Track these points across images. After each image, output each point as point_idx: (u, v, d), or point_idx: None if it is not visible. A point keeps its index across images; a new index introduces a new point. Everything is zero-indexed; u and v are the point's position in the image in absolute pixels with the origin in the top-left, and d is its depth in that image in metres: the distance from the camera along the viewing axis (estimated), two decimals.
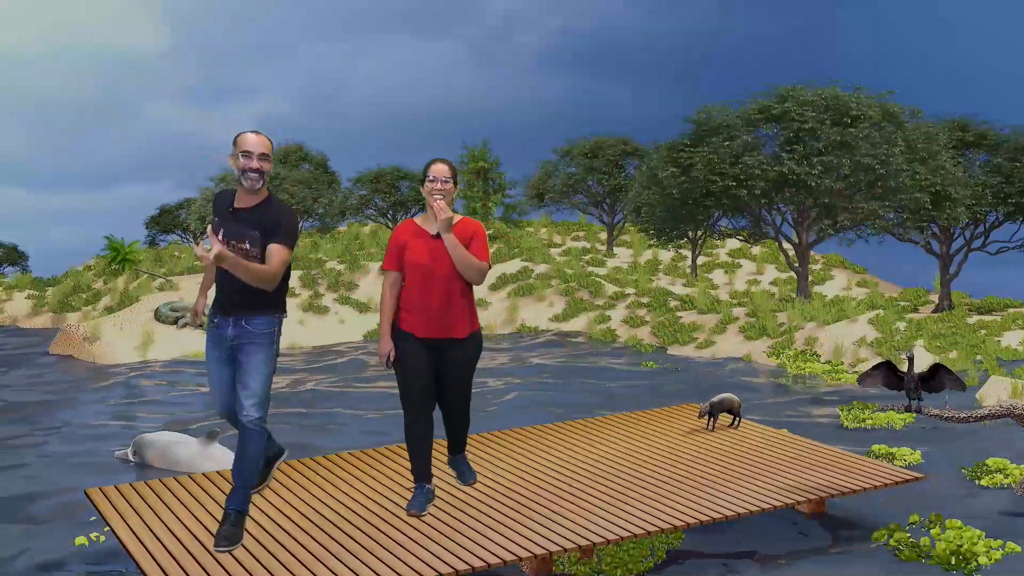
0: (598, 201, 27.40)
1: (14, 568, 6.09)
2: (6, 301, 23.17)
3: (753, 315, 16.29)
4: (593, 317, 18.92)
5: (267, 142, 5.16)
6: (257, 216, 5.13)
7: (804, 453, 7.20)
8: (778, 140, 17.44)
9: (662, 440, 7.55)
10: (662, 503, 6.07)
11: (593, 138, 27.37)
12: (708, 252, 27.69)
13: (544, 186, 27.62)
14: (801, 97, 16.95)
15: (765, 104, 17.33)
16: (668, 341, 16.41)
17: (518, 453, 7.18)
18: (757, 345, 15.01)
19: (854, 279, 25.52)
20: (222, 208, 5.21)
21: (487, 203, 27.17)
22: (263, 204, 5.18)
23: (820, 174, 16.60)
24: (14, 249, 28.79)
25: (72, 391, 12.81)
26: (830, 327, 14.64)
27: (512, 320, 19.65)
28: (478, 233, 5.85)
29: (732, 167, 17.15)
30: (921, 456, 8.62)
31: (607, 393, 12.02)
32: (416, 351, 5.73)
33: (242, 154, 5.08)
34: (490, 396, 11.92)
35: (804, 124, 16.75)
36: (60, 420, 10.77)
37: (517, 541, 5.43)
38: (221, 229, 5.11)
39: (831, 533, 6.65)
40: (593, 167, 26.88)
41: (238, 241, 5.09)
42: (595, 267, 24.62)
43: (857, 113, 16.60)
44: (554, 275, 21.13)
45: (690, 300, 18.67)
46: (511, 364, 14.76)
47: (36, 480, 8.22)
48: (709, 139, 17.69)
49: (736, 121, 17.49)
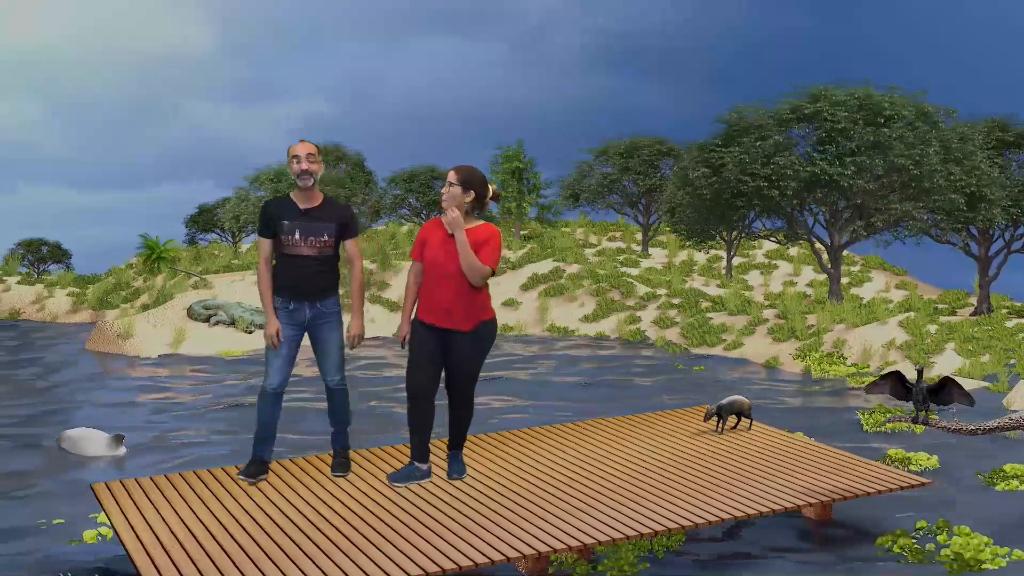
0: (633, 201, 27.29)
1: (24, 561, 6.21)
2: (48, 298, 23.60)
3: (783, 317, 16.14)
4: (623, 318, 18.86)
5: (311, 147, 6.16)
6: (329, 213, 6.22)
7: (809, 456, 7.13)
8: (810, 140, 17.26)
9: (667, 442, 7.51)
10: (662, 504, 6.04)
11: (628, 138, 27.26)
12: (744, 253, 27.48)
13: (579, 186, 27.57)
14: (834, 97, 16.76)
15: (797, 104, 17.16)
16: (696, 342, 16.31)
17: (519, 453, 7.18)
18: (785, 347, 14.86)
19: (893, 281, 25.19)
20: (289, 212, 6.15)
21: (521, 203, 27.16)
22: (327, 202, 6.27)
23: (853, 175, 16.41)
24: (58, 247, 29.29)
25: (96, 386, 13.01)
26: (859, 330, 14.46)
27: (542, 320, 19.65)
28: (491, 240, 6.13)
29: (763, 167, 17.01)
30: (938, 461, 8.49)
31: (621, 393, 11.97)
32: (425, 338, 6.19)
33: (293, 159, 6.13)
34: (501, 393, 11.93)
35: (837, 124, 16.57)
36: (81, 413, 10.94)
37: (512, 540, 5.42)
38: (297, 229, 6.13)
39: (836, 538, 6.58)
40: (628, 167, 26.78)
41: (316, 237, 6.16)
42: (629, 268, 24.54)
43: (891, 113, 16.38)
44: (586, 275, 21.09)
45: (721, 301, 18.54)
46: (531, 363, 14.75)
47: (48, 474, 8.36)
48: (740, 139, 17.56)
49: (768, 121, 17.34)
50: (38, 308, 23.32)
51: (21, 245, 29.00)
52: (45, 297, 23.64)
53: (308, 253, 6.16)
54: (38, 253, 29.27)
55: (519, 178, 27.22)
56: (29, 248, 29.08)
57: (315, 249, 6.16)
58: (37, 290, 23.99)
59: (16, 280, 25.28)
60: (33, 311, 23.29)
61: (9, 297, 24.11)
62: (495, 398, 11.80)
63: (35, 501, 7.56)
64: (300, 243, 6.14)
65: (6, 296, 24.20)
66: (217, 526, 5.59)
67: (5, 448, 9.32)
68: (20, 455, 9.06)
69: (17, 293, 24.16)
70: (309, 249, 6.16)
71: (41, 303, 23.45)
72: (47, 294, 23.78)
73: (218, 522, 5.66)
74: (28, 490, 7.86)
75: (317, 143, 6.76)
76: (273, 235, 6.18)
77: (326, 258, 6.21)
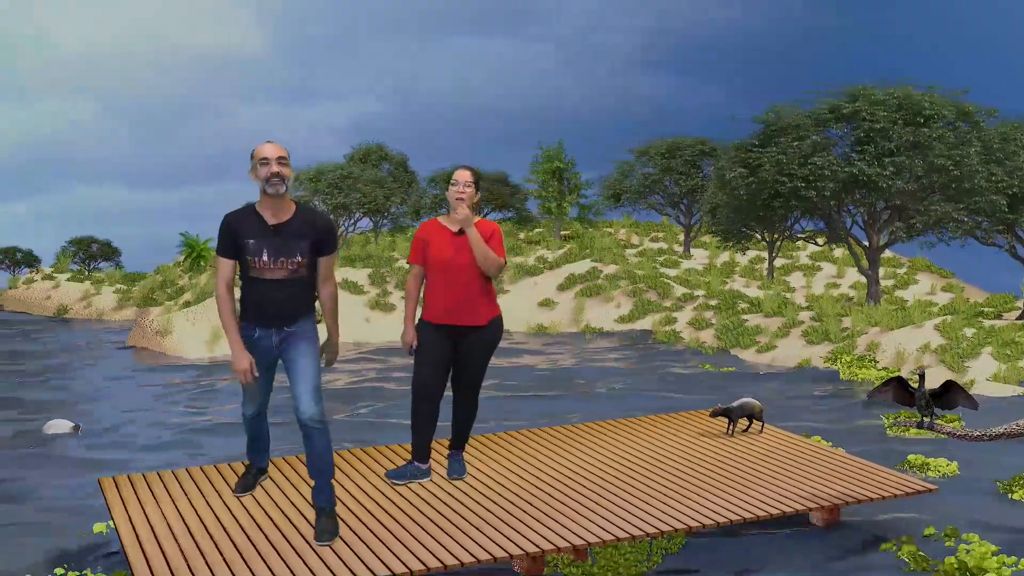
0: (675, 202, 27.13)
1: (34, 551, 6.35)
2: (94, 295, 24.09)
3: (817, 319, 15.94)
4: (659, 318, 18.77)
5: (281, 148, 5.20)
6: (301, 227, 5.22)
7: (816, 460, 7.04)
8: (848, 140, 17.03)
9: (673, 443, 7.46)
10: (661, 506, 6.01)
11: (671, 138, 27.11)
12: (788, 255, 27.19)
13: (620, 186, 27.47)
14: (872, 96, 16.52)
15: (835, 103, 16.94)
16: (730, 344, 16.18)
17: (521, 454, 7.18)
18: (818, 350, 14.69)
19: (939, 283, 24.77)
20: (255, 229, 5.18)
21: (562, 203, 27.13)
22: (300, 214, 5.25)
23: (892, 175, 16.16)
24: (107, 244, 29.85)
25: (125, 381, 13.25)
26: (893, 333, 14.24)
27: (577, 320, 19.62)
28: (495, 233, 6.22)
29: (801, 168, 16.82)
30: (958, 468, 8.33)
31: (642, 393, 11.91)
32: (435, 339, 6.15)
33: (260, 163, 5.14)
34: (513, 391, 11.93)
35: (875, 124, 16.33)
36: (105, 406, 11.16)
37: (508, 539, 5.43)
38: (264, 249, 5.17)
39: (841, 544, 6.48)
40: (670, 167, 26.64)
41: (288, 258, 5.20)
42: (668, 268, 24.41)
43: (931, 112, 16.10)
44: (623, 276, 21.02)
45: (758, 303, 18.37)
46: (557, 361, 14.74)
47: (62, 467, 8.54)
48: (778, 139, 17.38)
49: (806, 121, 17.13)
50: (85, 305, 23.81)
51: (72, 243, 29.60)
52: (92, 294, 24.12)
53: (278, 276, 5.22)
54: (88, 251, 29.85)
55: (559, 178, 27.20)
56: (80, 246, 29.67)
57: (287, 271, 5.22)
58: (85, 287, 24.49)
59: (66, 277, 25.85)
60: (80, 308, 23.79)
61: (58, 294, 24.65)
62: (508, 395, 11.80)
63: (50, 493, 7.72)
64: (269, 265, 5.19)
65: (55, 293, 24.74)
66: (214, 522, 5.67)
67: (21, 440, 9.53)
68: (36, 447, 9.26)
69: (66, 290, 24.69)
70: (280, 271, 5.21)
71: (88, 300, 23.94)
72: (94, 291, 24.26)
73: (215, 518, 5.73)
74: (43, 483, 8.03)
75: (363, 143, 6.47)
76: (235, 255, 5.24)
77: (300, 280, 5.28)
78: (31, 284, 25.63)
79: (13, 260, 29.82)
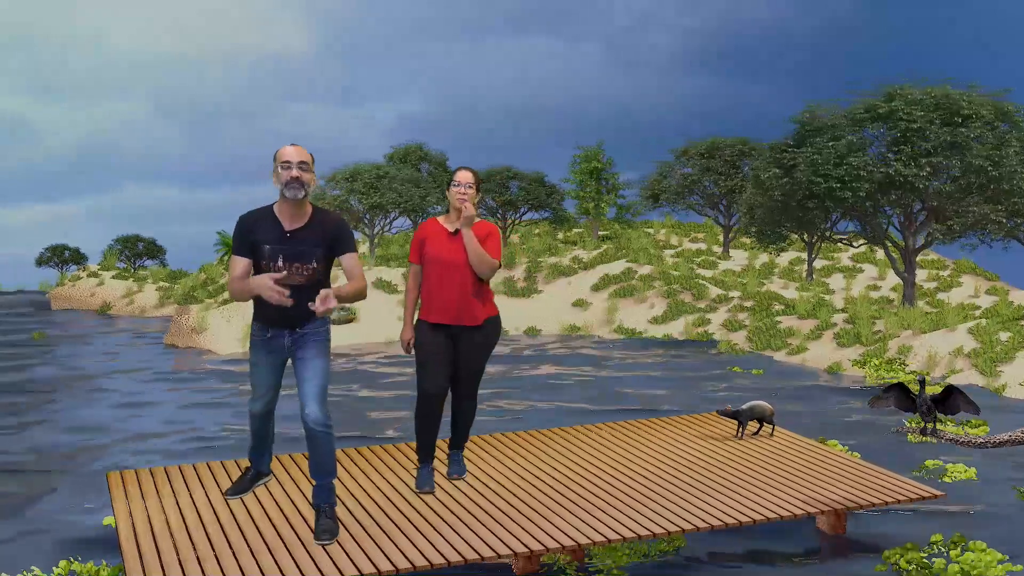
0: (714, 203, 26.92)
1: (43, 543, 6.48)
2: (137, 293, 24.50)
3: (851, 322, 15.74)
4: (692, 320, 18.66)
5: (305, 152, 5.17)
6: (317, 233, 5.21)
7: (824, 464, 6.96)
8: (885, 140, 16.79)
9: (678, 446, 7.42)
10: (661, 508, 5.98)
11: (710, 138, 26.91)
12: (829, 256, 26.87)
13: (659, 187, 27.32)
14: (909, 95, 16.26)
15: (872, 103, 16.71)
16: (761, 346, 16.03)
17: (522, 454, 7.18)
18: (849, 352, 14.50)
19: (984, 286, 24.32)
20: (270, 234, 5.16)
21: (599, 203, 27.05)
22: (316, 219, 5.23)
23: (928, 176, 15.91)
24: (152, 243, 30.33)
25: (152, 375, 13.46)
26: (926, 336, 14.02)
27: (610, 321, 19.57)
28: (492, 234, 6.24)
29: (836, 168, 16.62)
30: (976, 474, 8.19)
31: (666, 394, 11.85)
32: (434, 338, 6.16)
33: (281, 166, 5.10)
34: (531, 387, 11.92)
35: (912, 124, 16.08)
36: (126, 400, 11.35)
37: (502, 538, 5.43)
38: (280, 255, 5.13)
39: (844, 550, 6.41)
40: (710, 168, 26.44)
41: (301, 264, 5.17)
42: (706, 269, 24.24)
43: (969, 112, 15.82)
44: (657, 277, 20.92)
45: (792, 305, 18.18)
46: (583, 362, 14.71)
47: (78, 459, 8.70)
48: (813, 139, 17.18)
49: (841, 120, 16.92)
50: (127, 302, 24.22)
51: (119, 241, 30.13)
52: (135, 292, 24.53)
53: (294, 282, 5.22)
54: (135, 249, 30.36)
55: (597, 178, 27.11)
56: (126, 244, 30.19)
57: (302, 278, 5.21)
58: (127, 285, 24.92)
59: (111, 275, 26.33)
60: (123, 305, 24.21)
61: (103, 291, 25.12)
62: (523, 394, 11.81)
63: (65, 485, 7.87)
64: (283, 271, 5.16)
65: (100, 290, 25.22)
66: (212, 518, 5.75)
67: (36, 434, 9.73)
68: (51, 442, 9.45)
69: (110, 287, 25.15)
70: (295, 278, 5.21)
71: (130, 297, 24.35)
72: (136, 289, 24.66)
73: (214, 514, 5.81)
74: (58, 475, 8.19)
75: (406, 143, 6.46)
76: (251, 255, 5.21)
77: (315, 286, 5.26)
78: (77, 281, 26.14)
79: (62, 258, 30.42)
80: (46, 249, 29.78)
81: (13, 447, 9.29)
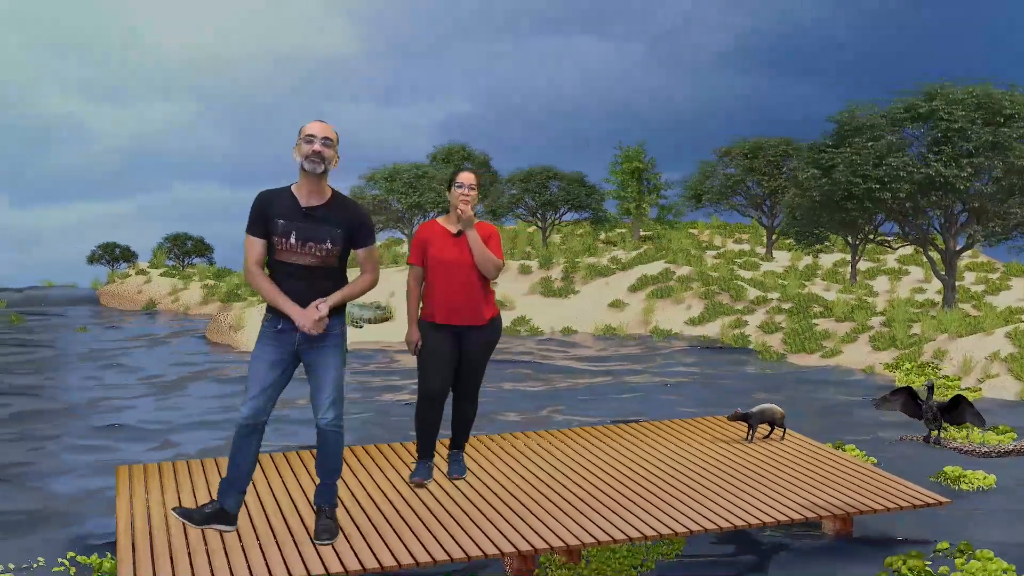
0: (757, 203, 26.64)
1: (52, 535, 6.63)
2: (182, 290, 24.90)
3: (888, 325, 15.51)
4: (729, 321, 18.50)
5: (330, 129, 5.04)
6: (336, 214, 5.05)
7: (832, 468, 6.87)
8: (925, 140, 16.51)
9: (685, 448, 7.37)
10: (660, 509, 5.95)
11: (753, 138, 26.64)
12: (875, 258, 26.46)
13: (702, 187, 27.11)
14: (950, 95, 15.98)
15: (912, 102, 16.44)
16: (796, 348, 15.85)
17: (522, 455, 7.18)
18: (884, 356, 14.28)
19: None
20: (286, 209, 4.99)
21: (641, 204, 26.91)
22: (336, 201, 5.09)
23: (969, 177, 15.62)
24: (200, 241, 30.76)
25: (183, 372, 13.66)
26: (962, 340, 13.76)
27: (646, 322, 19.48)
28: (493, 235, 6.30)
29: (875, 169, 16.38)
30: (995, 481, 8.03)
31: (687, 396, 11.76)
32: (438, 339, 6.20)
33: (304, 139, 4.97)
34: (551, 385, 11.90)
35: (953, 124, 15.80)
36: (153, 395, 11.54)
37: (490, 538, 5.44)
38: (293, 231, 4.99)
39: (846, 555, 6.32)
40: (753, 168, 26.17)
41: (317, 243, 5.01)
42: (747, 271, 24.01)
43: (1011, 112, 15.49)
44: (695, 278, 20.77)
45: (831, 307, 17.96)
46: (609, 362, 14.65)
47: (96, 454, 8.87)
48: (852, 139, 16.95)
49: (881, 120, 16.68)
50: (173, 300, 24.63)
51: (167, 239, 30.62)
52: (180, 289, 24.93)
53: (306, 262, 5.02)
54: (183, 247, 30.81)
55: (639, 179, 26.98)
56: (175, 242, 30.66)
57: (315, 258, 5.02)
58: (173, 282, 25.35)
59: (159, 272, 26.80)
60: (168, 302, 24.62)
61: (149, 288, 25.57)
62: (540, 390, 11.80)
63: (79, 478, 8.04)
64: (296, 248, 4.99)
65: (147, 288, 25.67)
66: None
67: (54, 428, 9.94)
68: (74, 431, 9.65)
69: (157, 285, 25.60)
70: (307, 257, 5.02)
71: (176, 295, 24.75)
72: (182, 286, 25.07)
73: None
74: (74, 468, 8.37)
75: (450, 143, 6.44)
76: (266, 235, 5.02)
77: (328, 270, 5.07)
78: (125, 279, 26.64)
79: (112, 256, 30.98)
80: (97, 247, 30.33)
81: (30, 437, 9.51)
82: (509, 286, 21.36)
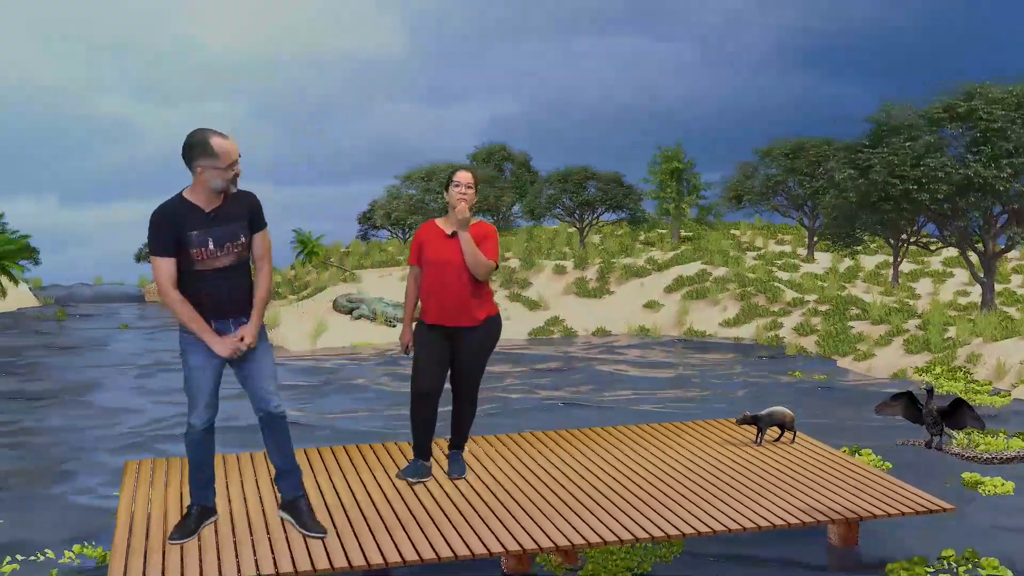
0: (799, 204, 26.32)
1: (61, 528, 6.77)
2: None
3: (922, 328, 15.26)
4: (764, 323, 18.33)
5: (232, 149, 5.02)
6: (236, 207, 5.07)
7: (838, 472, 6.78)
8: (963, 141, 16.21)
9: (690, 450, 7.32)
10: (660, 511, 5.91)
11: (795, 138, 26.33)
12: (919, 260, 26.04)
13: (742, 187, 26.86)
14: (989, 94, 15.68)
15: (950, 102, 16.16)
16: (829, 351, 15.66)
17: (523, 456, 7.18)
18: (916, 360, 14.06)
19: None
20: (195, 219, 4.96)
21: (680, 204, 26.74)
22: (229, 195, 5.07)
23: (1009, 177, 15.32)
24: None
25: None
26: (997, 344, 13.50)
27: (681, 323, 19.36)
28: (490, 235, 6.29)
29: (913, 169, 16.13)
30: (1014, 488, 7.87)
31: (711, 398, 11.67)
32: (432, 339, 6.22)
33: (230, 166, 4.95)
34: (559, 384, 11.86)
35: (993, 123, 15.50)
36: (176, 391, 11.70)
37: (482, 538, 5.45)
38: (209, 239, 4.96)
39: (847, 561, 6.24)
40: (794, 168, 25.87)
41: (232, 241, 5.02)
42: (786, 272, 23.76)
43: None
44: (731, 279, 20.60)
45: (867, 309, 17.71)
46: (639, 361, 14.58)
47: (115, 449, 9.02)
48: (889, 139, 16.70)
49: (918, 120, 16.41)
50: None
51: None
52: None
53: (227, 263, 5.03)
54: None
55: (678, 179, 26.81)
56: None
57: (233, 256, 5.05)
58: None
59: None
60: None
61: None
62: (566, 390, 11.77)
63: (91, 473, 8.19)
64: (216, 253, 4.99)
65: None
66: None
67: (87, 418, 10.12)
68: (93, 426, 9.82)
69: None
70: (227, 258, 5.03)
71: None
72: None
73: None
74: (89, 463, 8.52)
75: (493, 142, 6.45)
76: (177, 252, 4.95)
77: (243, 264, 5.14)
78: None
79: None
80: (144, 245, 30.90)
81: (46, 429, 9.71)
82: (543, 286, 21.35)
